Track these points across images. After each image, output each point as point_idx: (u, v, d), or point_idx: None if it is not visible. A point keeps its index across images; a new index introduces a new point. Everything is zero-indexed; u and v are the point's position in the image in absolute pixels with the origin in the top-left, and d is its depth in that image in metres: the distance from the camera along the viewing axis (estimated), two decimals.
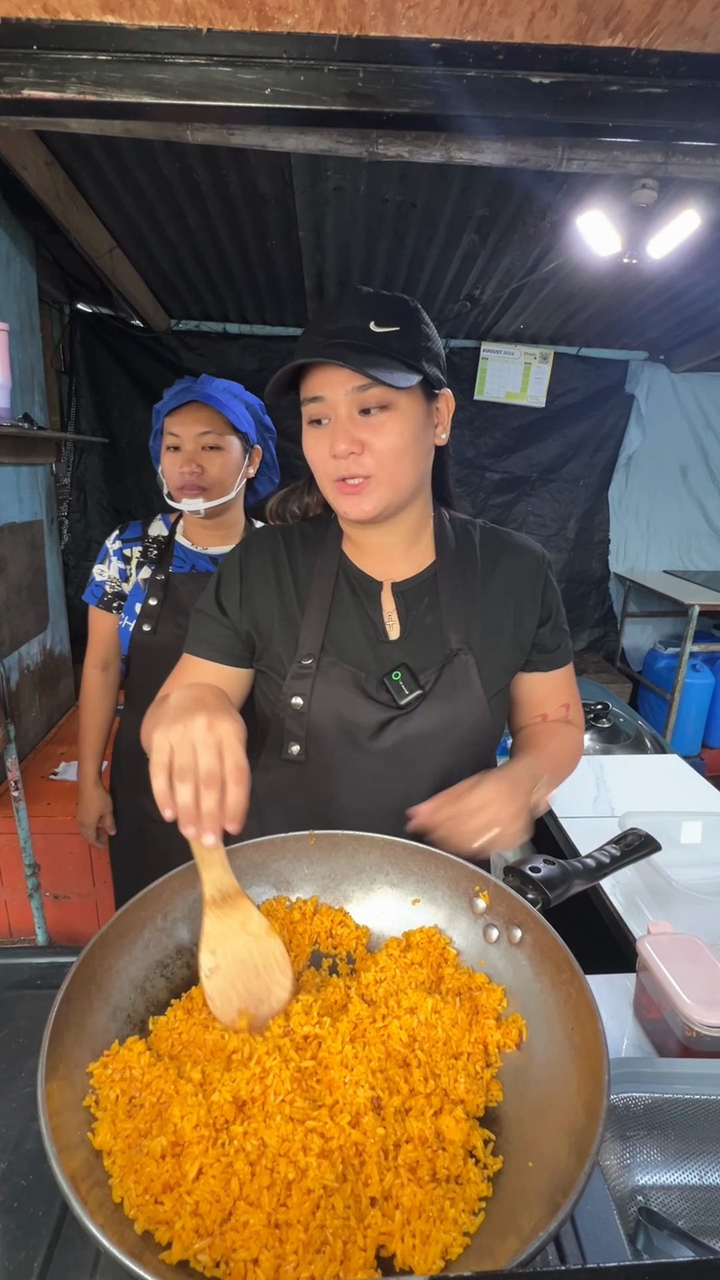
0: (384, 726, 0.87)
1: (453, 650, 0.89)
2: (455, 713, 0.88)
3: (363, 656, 0.89)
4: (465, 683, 0.88)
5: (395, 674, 0.87)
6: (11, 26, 0.84)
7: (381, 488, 0.82)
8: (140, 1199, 0.49)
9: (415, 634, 0.90)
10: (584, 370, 3.91)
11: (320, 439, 0.82)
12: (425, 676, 0.88)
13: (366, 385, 0.77)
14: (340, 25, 0.82)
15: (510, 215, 2.38)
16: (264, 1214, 0.49)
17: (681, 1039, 0.78)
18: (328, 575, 0.90)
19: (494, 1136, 0.58)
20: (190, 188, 2.25)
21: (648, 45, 0.81)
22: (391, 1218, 0.50)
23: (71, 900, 2.10)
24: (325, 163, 2.10)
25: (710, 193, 2.03)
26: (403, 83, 0.85)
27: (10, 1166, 0.60)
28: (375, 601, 0.91)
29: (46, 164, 2.13)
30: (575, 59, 0.83)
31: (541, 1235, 0.44)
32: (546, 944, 0.65)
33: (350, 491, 0.82)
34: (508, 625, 0.92)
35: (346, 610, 0.90)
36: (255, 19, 0.81)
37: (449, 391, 0.87)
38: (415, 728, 0.87)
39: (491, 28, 0.80)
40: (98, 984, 0.63)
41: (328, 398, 0.79)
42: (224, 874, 0.67)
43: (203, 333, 3.72)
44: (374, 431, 0.80)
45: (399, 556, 0.92)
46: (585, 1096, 0.53)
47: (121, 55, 0.87)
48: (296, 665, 0.88)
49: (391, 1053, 0.61)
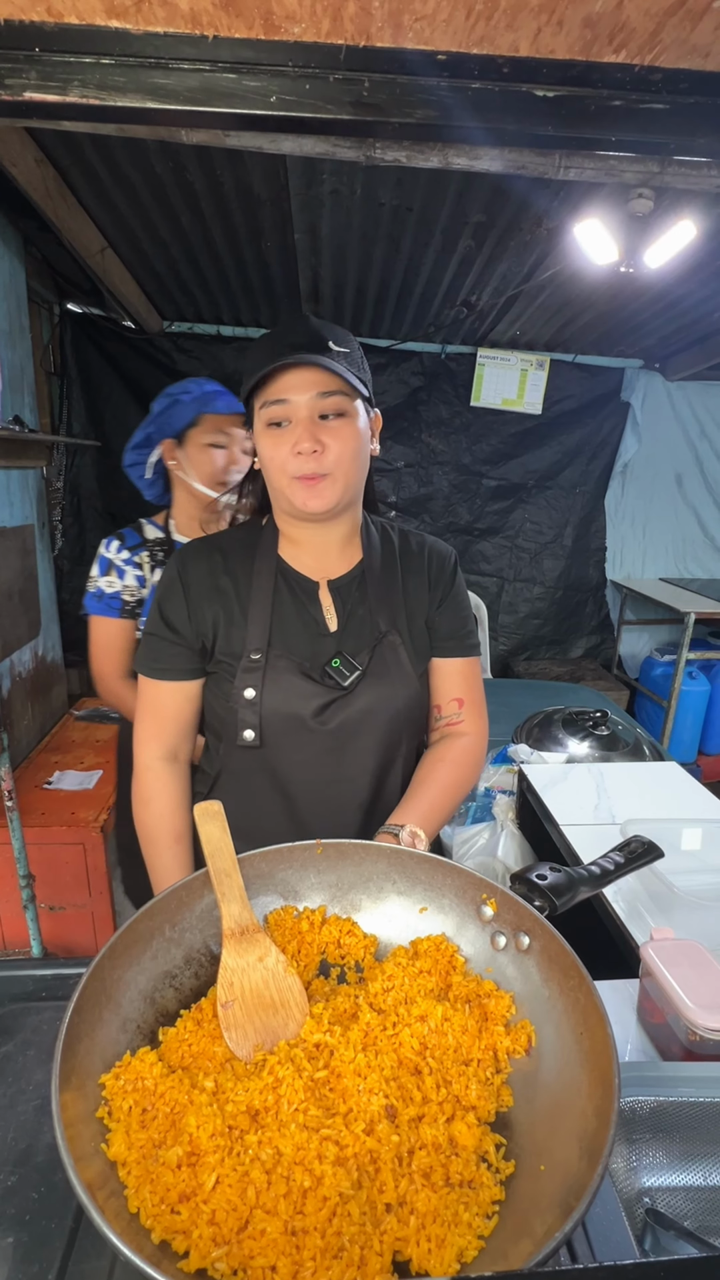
0: (327, 707, 0.96)
1: (381, 632, 0.99)
2: (390, 687, 0.98)
3: (305, 649, 0.98)
4: (395, 660, 0.99)
5: (334, 661, 0.96)
6: (14, 28, 0.84)
7: (337, 485, 0.91)
8: (157, 1208, 0.50)
9: (351, 625, 1.00)
10: (580, 377, 3.94)
11: (282, 439, 0.90)
12: (360, 658, 0.97)
13: (329, 392, 0.88)
14: (347, 35, 0.83)
15: (506, 221, 2.40)
16: (281, 1221, 0.49)
17: (685, 1043, 0.79)
18: (267, 576, 0.98)
19: (505, 1141, 0.58)
20: (184, 188, 2.25)
21: (651, 62, 0.83)
22: (406, 1223, 0.51)
23: (67, 911, 2.08)
24: (321, 165, 2.10)
25: (706, 203, 2.05)
26: (408, 93, 0.87)
27: (21, 1179, 0.59)
28: (314, 599, 1.00)
29: (36, 161, 2.12)
30: (579, 73, 0.84)
31: (556, 1237, 0.44)
32: (554, 950, 0.66)
33: (310, 485, 0.90)
34: (421, 610, 1.04)
35: (287, 608, 0.99)
36: (262, 27, 0.82)
37: (379, 412, 1.00)
38: (356, 705, 0.97)
39: (497, 41, 0.81)
40: (108, 995, 0.63)
41: (291, 400, 0.88)
42: (243, 909, 0.69)
43: (196, 335, 3.71)
44: (332, 435, 0.89)
45: (334, 555, 1.01)
46: (595, 1101, 0.54)
47: (125, 60, 0.87)
48: (246, 660, 0.95)
49: (403, 1060, 0.61)
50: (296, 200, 2.33)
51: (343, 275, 2.95)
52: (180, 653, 0.99)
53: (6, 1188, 0.59)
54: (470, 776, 1.07)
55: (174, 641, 0.98)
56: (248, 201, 2.34)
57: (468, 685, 1.08)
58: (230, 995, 0.66)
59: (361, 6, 0.77)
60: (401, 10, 0.78)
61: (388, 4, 0.76)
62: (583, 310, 3.25)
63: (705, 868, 1.20)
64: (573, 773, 1.61)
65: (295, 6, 0.79)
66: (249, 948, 0.69)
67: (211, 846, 0.74)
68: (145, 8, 0.80)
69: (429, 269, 2.84)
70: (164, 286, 3.20)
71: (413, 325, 3.58)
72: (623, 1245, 0.57)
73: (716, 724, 4.03)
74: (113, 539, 1.51)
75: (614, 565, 4.34)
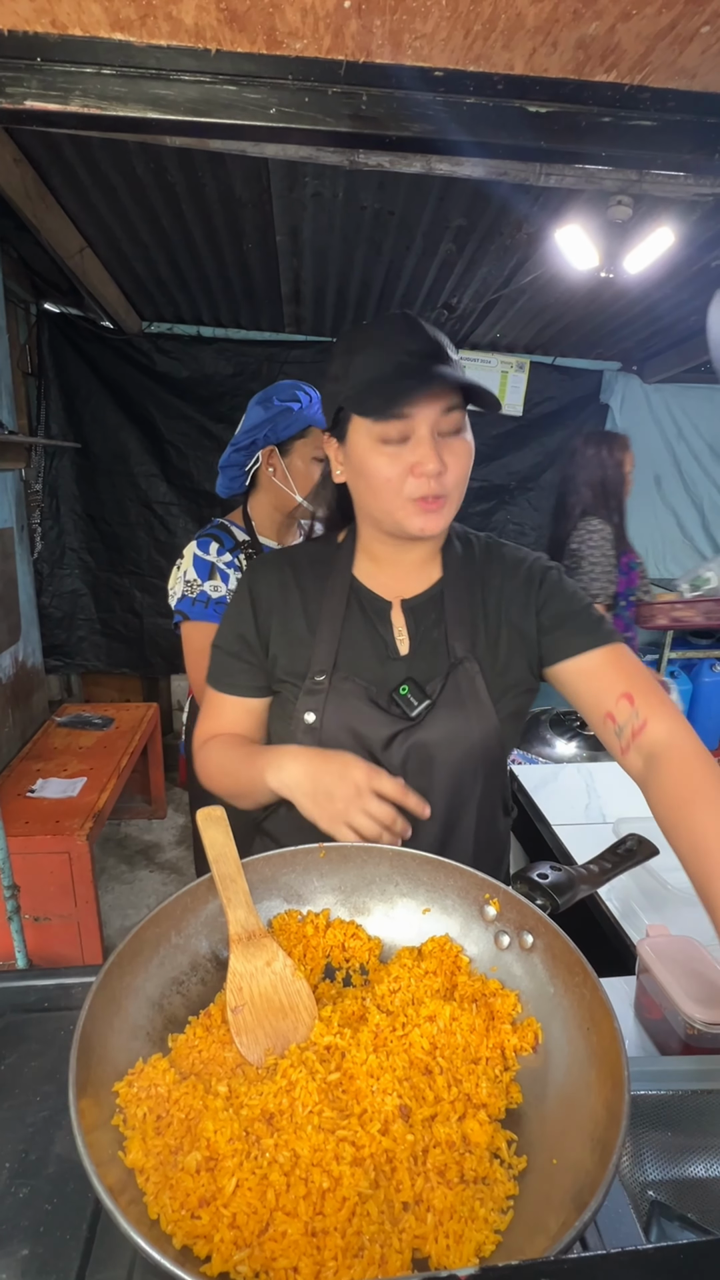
0: (394, 738, 0.89)
1: (458, 659, 0.90)
2: (464, 720, 0.89)
3: (374, 673, 0.91)
4: (471, 690, 0.90)
5: (403, 688, 0.89)
6: (17, 38, 0.84)
7: (452, 506, 0.86)
8: (177, 1214, 0.50)
9: (423, 648, 0.92)
10: (560, 380, 3.98)
11: (399, 456, 0.82)
12: (431, 686, 0.90)
13: (452, 407, 0.81)
14: (348, 52, 0.84)
15: (487, 226, 2.42)
16: (302, 1223, 0.49)
17: (683, 1037, 0.80)
18: (339, 595, 0.93)
19: (515, 1137, 0.59)
20: (164, 189, 2.24)
21: (640, 81, 0.86)
22: (424, 1220, 0.52)
23: (52, 922, 2.05)
24: (303, 168, 2.11)
25: (682, 210, 2.10)
26: (405, 107, 0.88)
27: (33, 1191, 0.59)
28: (385, 620, 0.94)
29: (15, 161, 2.09)
30: (571, 91, 0.86)
31: (575, 1227, 0.45)
32: (558, 948, 0.67)
33: (431, 508, 0.84)
34: (505, 630, 0.93)
35: (357, 629, 0.93)
36: (264, 42, 0.83)
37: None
38: (425, 737, 0.89)
39: (493, 59, 0.83)
40: (117, 1003, 0.63)
41: (414, 416, 0.80)
42: (249, 914, 0.69)
43: (176, 335, 3.68)
44: (453, 454, 0.83)
45: (413, 573, 0.95)
46: (605, 1096, 0.55)
47: (126, 70, 0.87)
48: (310, 682, 0.90)
49: (414, 1061, 0.62)
50: (279, 203, 2.33)
51: (324, 277, 2.96)
52: (246, 669, 0.95)
53: (19, 1200, 0.58)
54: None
55: (240, 657, 0.94)
56: (229, 203, 2.33)
57: (629, 676, 0.87)
58: (239, 1000, 0.66)
59: (364, 25, 0.78)
60: (402, 29, 0.79)
61: (389, 23, 0.77)
62: (562, 313, 3.29)
63: None
64: (562, 773, 1.63)
65: (299, 23, 0.80)
66: (256, 952, 0.69)
67: (215, 851, 0.74)
68: (150, 22, 0.80)
69: (410, 272, 2.86)
70: (143, 287, 3.18)
71: None
72: (631, 1236, 0.59)
73: (699, 723, 4.10)
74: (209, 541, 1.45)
75: None
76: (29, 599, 2.89)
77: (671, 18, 0.75)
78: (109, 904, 2.75)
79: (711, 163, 0.91)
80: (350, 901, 0.80)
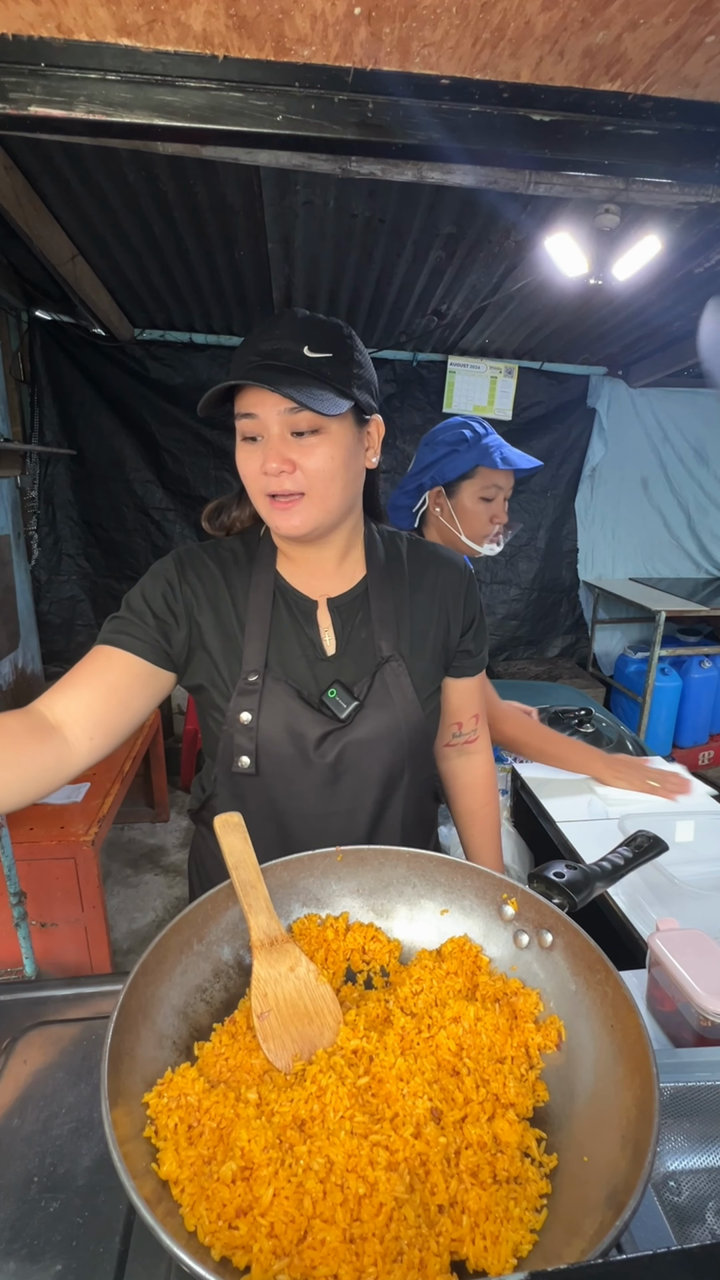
0: (326, 737, 0.90)
1: (384, 658, 0.93)
2: (392, 717, 0.93)
3: (302, 674, 0.92)
4: (398, 688, 0.93)
5: (330, 691, 0.91)
6: (21, 43, 0.84)
7: (312, 507, 0.84)
8: (214, 1225, 0.49)
9: (350, 648, 0.94)
10: (547, 384, 4.03)
11: (252, 455, 0.84)
12: (359, 687, 0.92)
13: (298, 409, 0.79)
14: (356, 59, 0.84)
15: (476, 233, 2.45)
16: (340, 1230, 0.49)
17: (697, 1029, 0.81)
18: (265, 592, 0.92)
19: (545, 1135, 0.60)
20: (156, 197, 2.25)
21: (644, 91, 0.87)
22: (459, 1223, 0.52)
23: (60, 928, 2.04)
24: (295, 176, 2.12)
25: (668, 218, 2.13)
26: (411, 114, 0.88)
27: (64, 1205, 0.59)
28: (312, 620, 0.94)
29: (5, 169, 2.09)
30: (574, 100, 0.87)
31: (610, 1234, 0.45)
32: (578, 946, 0.68)
33: (282, 508, 0.85)
34: (433, 632, 0.98)
35: (285, 629, 0.93)
36: (273, 49, 0.83)
37: (379, 418, 0.90)
38: (355, 736, 0.91)
39: (500, 68, 0.84)
40: (144, 1012, 0.62)
41: (260, 416, 0.81)
42: (270, 919, 0.69)
43: (168, 342, 3.69)
44: (304, 453, 0.82)
45: (332, 572, 0.95)
46: (634, 1091, 0.56)
47: (131, 76, 0.87)
48: (242, 682, 0.90)
49: (442, 1063, 0.62)
50: (270, 210, 2.34)
51: (315, 284, 2.97)
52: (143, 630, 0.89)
53: (49, 1214, 0.58)
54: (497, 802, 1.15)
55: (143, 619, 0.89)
56: (221, 210, 2.34)
57: (482, 697, 1.09)
58: (265, 1006, 0.66)
59: (373, 32, 0.79)
60: (410, 37, 0.80)
61: (398, 30, 0.78)
62: (549, 319, 3.33)
63: (699, 858, 1.24)
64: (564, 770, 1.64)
65: (308, 30, 0.80)
66: (279, 958, 0.69)
67: (235, 858, 0.74)
68: (158, 28, 0.80)
69: (401, 279, 2.88)
70: (135, 294, 3.18)
71: (384, 334, 3.62)
72: (659, 1230, 0.59)
73: (689, 718, 4.15)
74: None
75: (586, 566, 4.45)
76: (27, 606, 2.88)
77: (677, 28, 0.76)
78: (114, 908, 2.76)
79: (711, 171, 0.92)
80: (368, 904, 0.80)
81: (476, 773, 1.15)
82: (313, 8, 0.77)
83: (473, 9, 0.74)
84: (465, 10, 0.75)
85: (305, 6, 0.76)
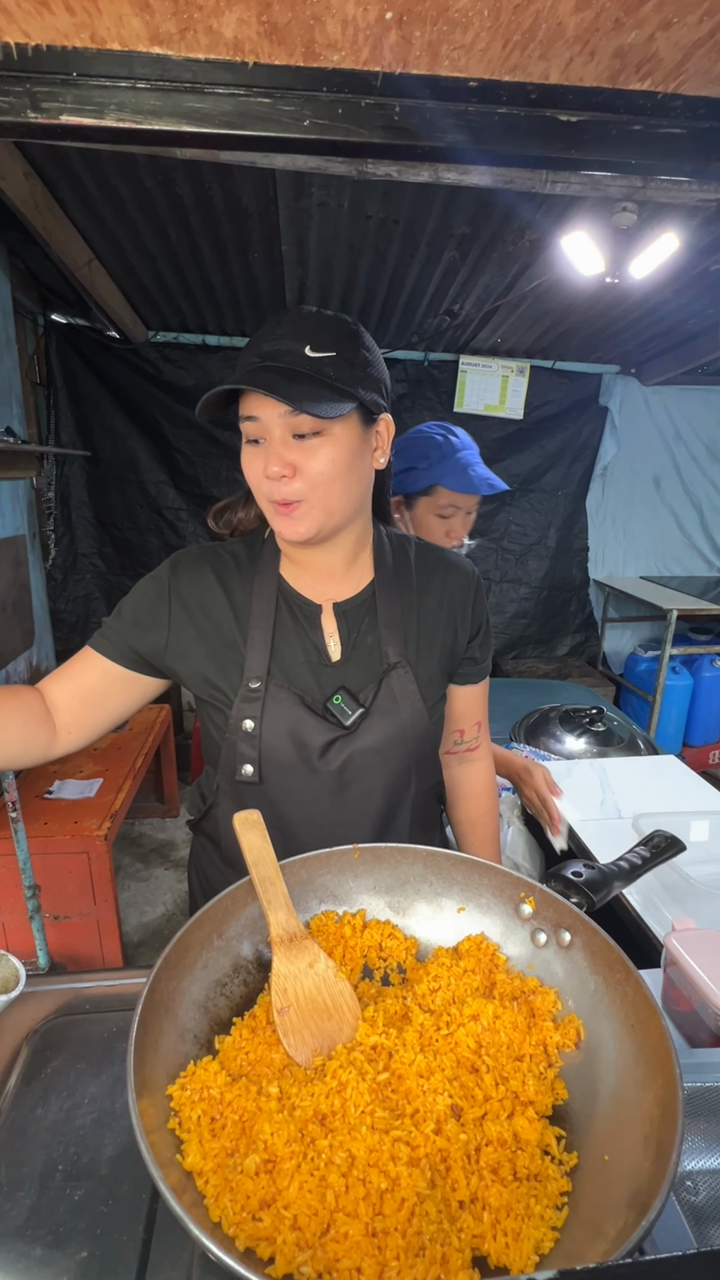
0: (330, 745, 0.89)
1: (390, 664, 0.91)
2: (399, 725, 0.91)
3: (306, 681, 0.90)
4: (405, 694, 0.91)
5: (336, 698, 0.89)
6: (55, 53, 0.84)
7: (314, 511, 0.82)
8: (238, 1216, 0.50)
9: (356, 654, 0.92)
10: (559, 383, 4.01)
11: (255, 457, 0.82)
12: (365, 694, 0.90)
13: (297, 411, 0.76)
14: (384, 63, 0.84)
15: (491, 233, 2.44)
16: (362, 1224, 0.50)
17: (713, 1029, 0.81)
18: (268, 598, 0.90)
19: (564, 1133, 0.60)
20: (172, 201, 2.26)
21: (674, 90, 0.86)
22: (481, 1219, 0.52)
23: (73, 920, 2.06)
24: (310, 179, 2.13)
25: (685, 215, 2.12)
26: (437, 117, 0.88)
27: (88, 1193, 0.59)
28: (316, 625, 0.92)
29: (25, 175, 2.11)
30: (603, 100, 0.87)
31: (635, 1234, 0.45)
32: (598, 945, 0.68)
33: (284, 513, 0.82)
34: (440, 637, 0.96)
35: (288, 634, 0.91)
36: (302, 55, 0.83)
37: (388, 416, 0.87)
38: (361, 744, 0.89)
39: (529, 69, 0.83)
40: (166, 1006, 0.63)
41: (262, 419, 0.79)
42: (289, 916, 0.70)
43: (181, 345, 3.71)
44: (306, 456, 0.79)
45: (339, 576, 0.93)
46: (656, 1091, 0.56)
47: (161, 84, 0.87)
48: (245, 689, 0.88)
49: (461, 1060, 0.62)
50: (285, 213, 2.35)
51: (329, 286, 2.98)
52: (123, 638, 0.89)
53: (74, 1202, 0.59)
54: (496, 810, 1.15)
55: (122, 629, 0.89)
56: (236, 214, 2.35)
57: (485, 704, 1.09)
58: (285, 1001, 0.67)
59: (403, 36, 0.78)
60: (441, 40, 0.79)
61: (429, 34, 0.78)
62: (562, 318, 3.31)
63: (714, 858, 1.23)
64: (576, 769, 1.64)
65: (338, 35, 0.80)
66: (299, 954, 0.70)
67: (254, 855, 0.74)
68: (190, 36, 0.81)
69: (414, 280, 2.88)
70: (149, 297, 3.20)
71: (396, 334, 3.62)
72: (678, 1230, 0.59)
73: (700, 717, 4.13)
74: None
75: (596, 565, 4.43)
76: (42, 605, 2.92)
77: (711, 26, 0.75)
78: (126, 901, 2.79)
79: None
80: (385, 901, 0.81)
81: (477, 781, 1.15)
82: (344, 13, 0.76)
83: (505, 11, 0.74)
84: (497, 12, 0.74)
85: (337, 12, 0.76)
